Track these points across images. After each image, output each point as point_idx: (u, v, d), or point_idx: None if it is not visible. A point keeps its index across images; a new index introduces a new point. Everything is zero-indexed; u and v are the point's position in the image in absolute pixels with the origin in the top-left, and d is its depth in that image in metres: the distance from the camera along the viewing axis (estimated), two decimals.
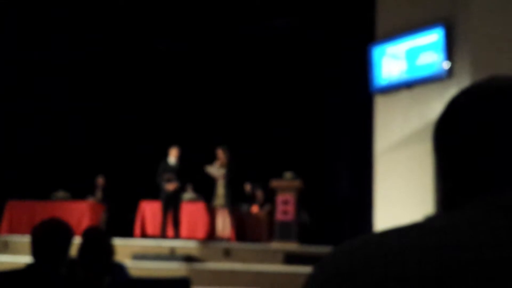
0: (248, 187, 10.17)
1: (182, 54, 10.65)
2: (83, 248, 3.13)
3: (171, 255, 7.81)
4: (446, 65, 6.74)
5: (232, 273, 7.13)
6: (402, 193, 6.97)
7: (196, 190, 10.06)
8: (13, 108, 10.50)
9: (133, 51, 10.75)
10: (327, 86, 10.03)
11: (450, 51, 6.80)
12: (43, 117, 10.94)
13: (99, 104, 11.43)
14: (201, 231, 9.19)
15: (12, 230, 9.39)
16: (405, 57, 7.19)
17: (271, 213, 9.05)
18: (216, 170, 8.59)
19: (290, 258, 7.59)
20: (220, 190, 8.60)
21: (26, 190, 10.02)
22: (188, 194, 9.81)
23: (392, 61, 7.35)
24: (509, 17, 5.98)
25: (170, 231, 8.78)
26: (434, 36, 6.87)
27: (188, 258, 7.70)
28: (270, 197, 9.16)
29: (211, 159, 8.82)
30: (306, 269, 6.66)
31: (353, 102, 8.73)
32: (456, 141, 0.65)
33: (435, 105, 6.91)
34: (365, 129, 7.99)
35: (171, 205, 8.77)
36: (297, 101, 10.68)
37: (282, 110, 10.70)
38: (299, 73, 10.63)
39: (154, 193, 9.37)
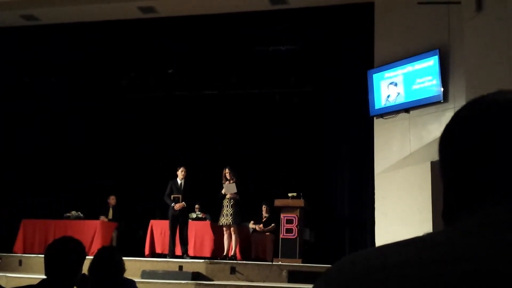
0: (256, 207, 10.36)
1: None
2: (94, 264, 3.35)
3: (179, 273, 8.04)
4: (441, 89, 7.02)
5: None
6: (401, 212, 7.19)
7: (202, 209, 10.30)
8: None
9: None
10: (328, 110, 10.24)
11: (446, 76, 7.09)
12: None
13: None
14: (208, 250, 9.41)
15: (26, 248, 9.65)
16: (403, 82, 7.49)
17: (276, 231, 9.27)
18: (232, 187, 8.81)
19: (294, 276, 7.78)
20: (227, 209, 8.85)
21: (40, 209, 10.27)
22: (195, 214, 10.05)
23: (390, 86, 7.64)
24: (501, 42, 6.16)
25: (178, 249, 9.06)
26: (430, 62, 7.17)
27: (196, 276, 7.91)
28: (274, 216, 9.39)
29: (217, 178, 9.07)
30: (310, 287, 6.85)
31: (354, 125, 8.96)
32: (457, 152, 0.66)
33: (431, 127, 7.17)
34: (365, 150, 8.22)
35: (179, 224, 9.06)
36: (300, 126, 10.85)
37: (286, 133, 10.88)
38: (301, 98, 10.83)
39: (163, 213, 9.65)
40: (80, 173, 11.23)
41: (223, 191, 8.87)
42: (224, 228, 8.93)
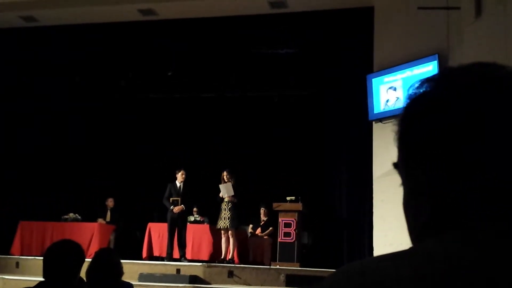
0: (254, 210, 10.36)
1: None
2: (92, 266, 3.34)
3: (177, 276, 8.02)
4: None
5: None
6: (399, 216, 7.12)
7: (201, 212, 10.29)
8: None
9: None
10: (328, 113, 10.25)
11: None
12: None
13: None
14: (206, 253, 9.40)
15: (23, 250, 9.62)
16: (402, 87, 7.49)
17: (274, 235, 9.27)
18: (229, 189, 8.80)
19: (292, 280, 7.77)
20: (225, 212, 8.84)
21: (37, 211, 10.24)
22: (193, 217, 10.04)
23: (389, 90, 7.65)
24: (500, 47, 6.17)
25: (176, 252, 9.04)
26: (429, 67, 7.17)
27: (193, 279, 7.89)
28: (272, 219, 9.39)
29: (216, 180, 9.06)
30: None
31: (354, 127, 8.96)
32: (446, 126, 0.61)
33: None
34: (364, 153, 8.22)
35: (177, 227, 9.04)
36: (299, 128, 10.88)
37: (286, 135, 10.90)
38: (300, 98, 10.86)
39: (161, 215, 9.65)
40: (79, 173, 11.24)
41: (221, 194, 8.87)
42: (222, 232, 8.92)
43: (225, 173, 8.93)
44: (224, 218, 8.80)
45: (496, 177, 0.58)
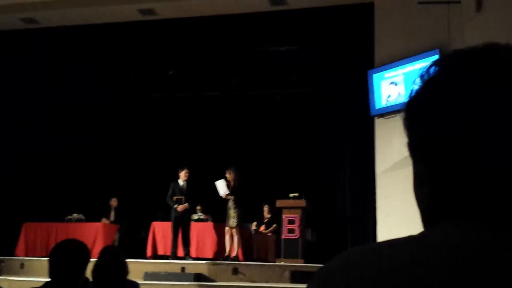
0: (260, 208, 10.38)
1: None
2: (97, 266, 3.35)
3: (182, 274, 8.04)
4: None
5: None
6: (403, 211, 7.18)
7: (204, 210, 10.31)
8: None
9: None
10: (329, 110, 10.24)
11: None
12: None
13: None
14: (210, 251, 9.42)
15: (28, 251, 9.64)
16: (403, 82, 7.50)
17: (278, 232, 9.29)
18: (223, 185, 8.88)
19: (296, 276, 7.78)
20: (229, 211, 8.88)
21: (41, 212, 10.26)
22: (197, 215, 10.06)
23: (390, 85, 7.65)
24: (501, 41, 6.15)
25: (180, 250, 9.07)
26: (431, 61, 7.17)
27: (198, 277, 7.91)
28: (276, 217, 9.40)
29: (219, 179, 9.08)
30: None
31: (355, 124, 8.96)
32: (439, 134, 0.62)
33: None
34: (366, 150, 8.23)
35: (181, 225, 9.07)
36: (301, 126, 10.88)
37: (287, 133, 10.93)
38: (301, 99, 10.87)
39: (165, 214, 9.67)
40: (81, 173, 11.23)
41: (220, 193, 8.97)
42: (226, 229, 8.95)
43: (229, 172, 8.99)
44: (229, 216, 8.85)
45: (480, 175, 0.58)
